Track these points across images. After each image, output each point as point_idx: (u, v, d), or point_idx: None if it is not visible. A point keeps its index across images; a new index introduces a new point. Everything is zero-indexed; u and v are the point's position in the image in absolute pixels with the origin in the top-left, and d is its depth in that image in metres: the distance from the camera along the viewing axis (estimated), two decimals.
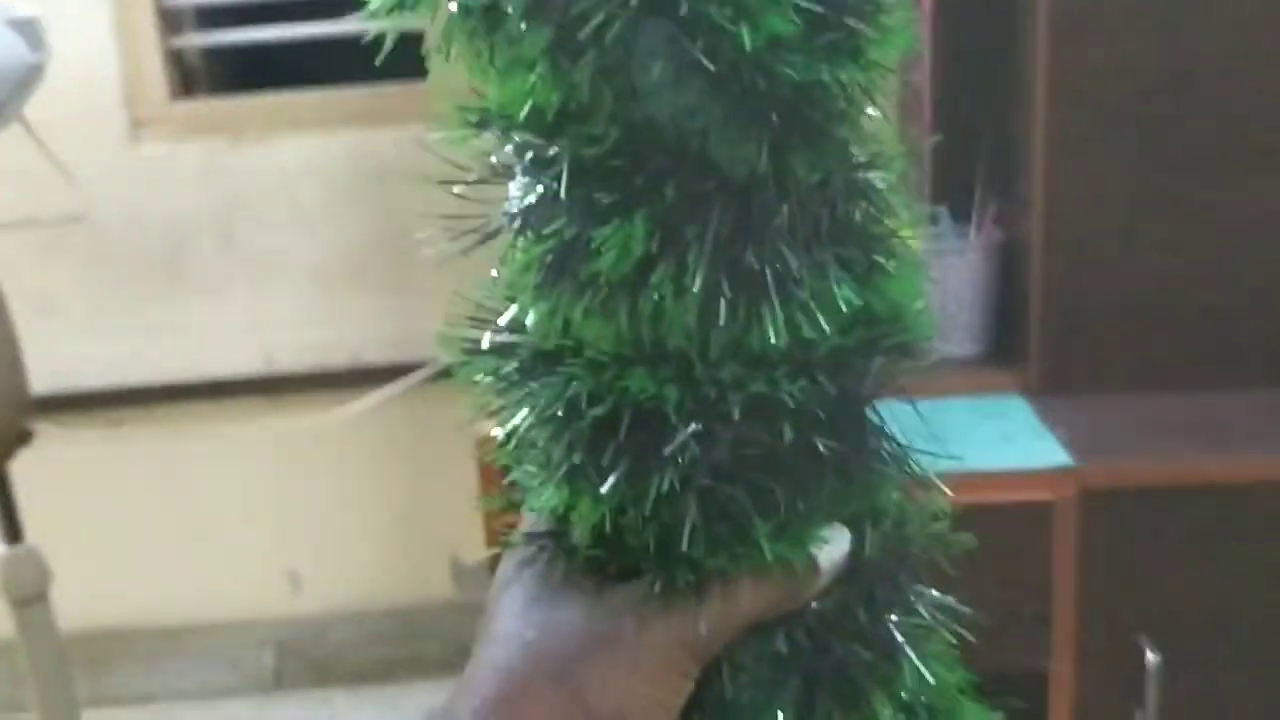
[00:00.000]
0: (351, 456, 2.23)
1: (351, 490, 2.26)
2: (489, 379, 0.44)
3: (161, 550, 2.26)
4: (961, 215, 1.49)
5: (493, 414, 0.44)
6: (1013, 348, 1.41)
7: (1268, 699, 1.23)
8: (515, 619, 0.44)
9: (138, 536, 2.22)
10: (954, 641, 0.48)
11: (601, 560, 0.44)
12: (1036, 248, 1.34)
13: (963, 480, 1.15)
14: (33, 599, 1.53)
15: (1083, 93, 1.29)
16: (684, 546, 0.41)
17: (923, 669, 0.45)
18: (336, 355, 2.15)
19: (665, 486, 0.39)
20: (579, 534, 0.44)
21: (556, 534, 0.46)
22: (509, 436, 0.43)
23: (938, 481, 0.46)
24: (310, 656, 2.34)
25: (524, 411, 0.42)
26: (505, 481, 0.46)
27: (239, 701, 2.30)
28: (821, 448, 0.41)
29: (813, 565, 0.43)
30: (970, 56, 1.49)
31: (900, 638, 0.45)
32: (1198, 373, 1.35)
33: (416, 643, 2.33)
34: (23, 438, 1.46)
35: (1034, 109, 1.31)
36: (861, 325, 0.42)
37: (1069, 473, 1.18)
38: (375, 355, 2.13)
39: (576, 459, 0.40)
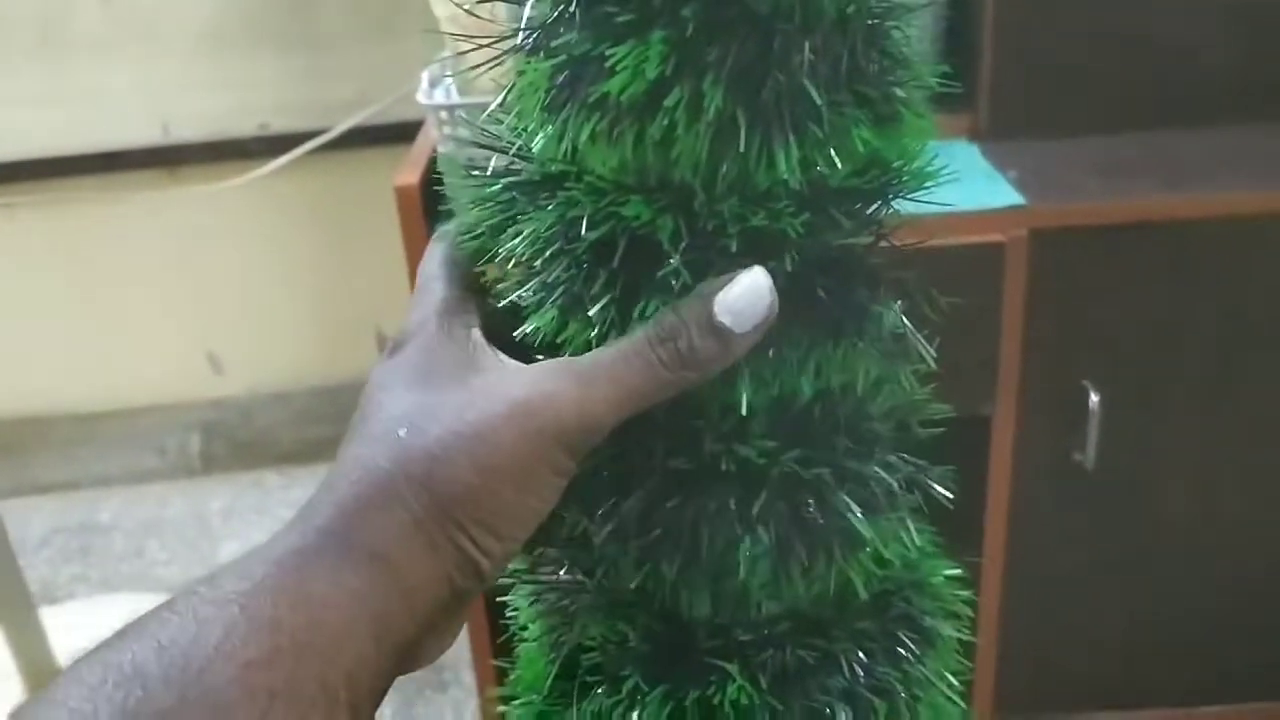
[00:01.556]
0: (265, 229, 2.11)
1: (267, 265, 2.14)
2: (491, 202, 0.43)
3: (70, 336, 2.15)
4: None
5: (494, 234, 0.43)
6: (964, 92, 1.33)
7: (1204, 436, 1.24)
8: (388, 410, 0.40)
9: (43, 322, 2.11)
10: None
11: None
12: None
13: (919, 222, 1.09)
14: None
15: None
16: None
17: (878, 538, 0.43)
18: (241, 123, 1.99)
19: (651, 312, 0.38)
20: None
21: None
22: (508, 259, 0.42)
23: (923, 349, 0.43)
24: (237, 439, 2.28)
25: (526, 232, 0.40)
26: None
27: (167, 484, 2.25)
28: (820, 290, 0.39)
29: (709, 328, 0.37)
30: None
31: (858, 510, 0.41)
32: (1150, 113, 1.29)
33: (344, 420, 2.27)
34: None
35: None
36: (875, 168, 0.41)
37: (1019, 212, 1.13)
38: (284, 123, 1.98)
39: (572, 284, 0.39)
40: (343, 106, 1.89)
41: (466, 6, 0.43)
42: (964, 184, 1.19)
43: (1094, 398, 1.18)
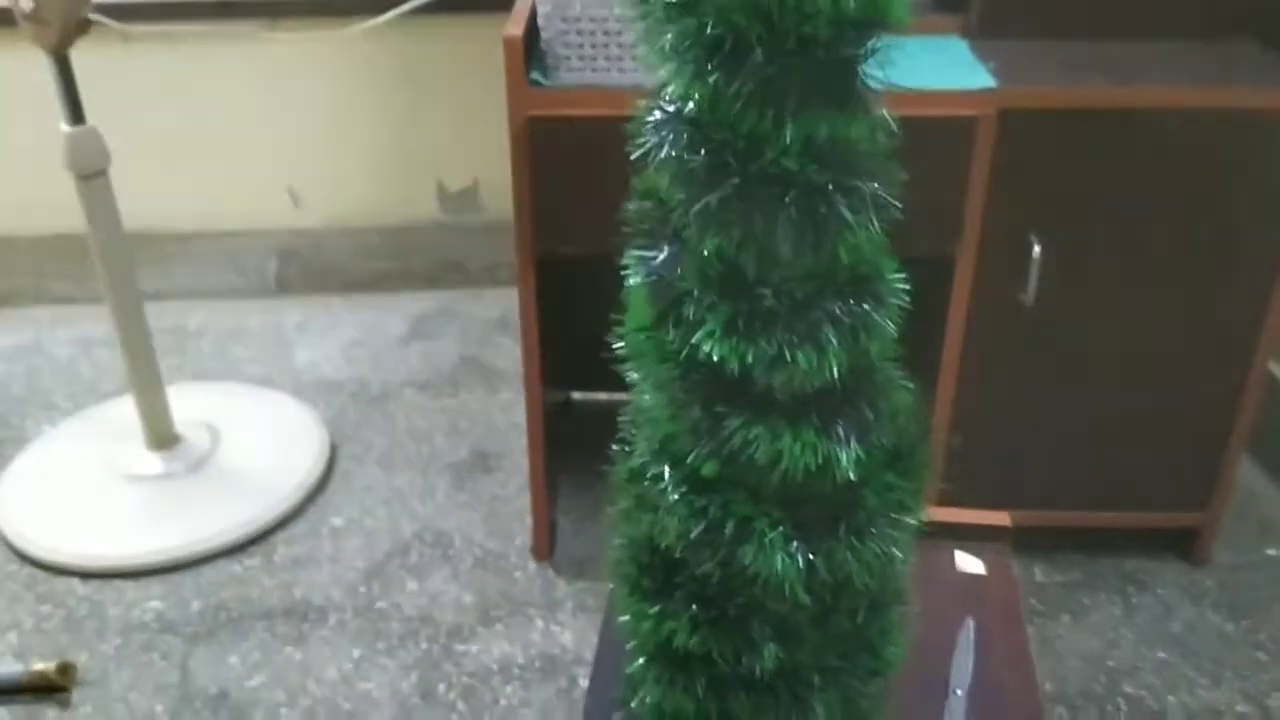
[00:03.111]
0: (349, 83, 2.36)
1: (348, 115, 2.40)
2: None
3: (171, 162, 2.41)
4: None
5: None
6: None
7: (1124, 283, 1.53)
8: None
9: (151, 147, 2.36)
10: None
11: None
12: None
13: (904, 97, 1.40)
14: (95, 174, 1.70)
15: None
16: None
17: None
18: None
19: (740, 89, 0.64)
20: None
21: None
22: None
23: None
24: (309, 266, 2.56)
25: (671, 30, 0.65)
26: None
27: (246, 302, 2.54)
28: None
29: None
30: None
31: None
32: (1110, 26, 1.55)
33: (404, 257, 2.56)
34: (82, 26, 1.58)
35: None
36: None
37: (992, 94, 1.40)
38: None
39: (698, 59, 0.65)
40: None
41: None
42: (951, 69, 1.45)
43: (1036, 248, 1.47)
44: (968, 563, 1.12)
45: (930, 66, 1.46)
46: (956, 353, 1.56)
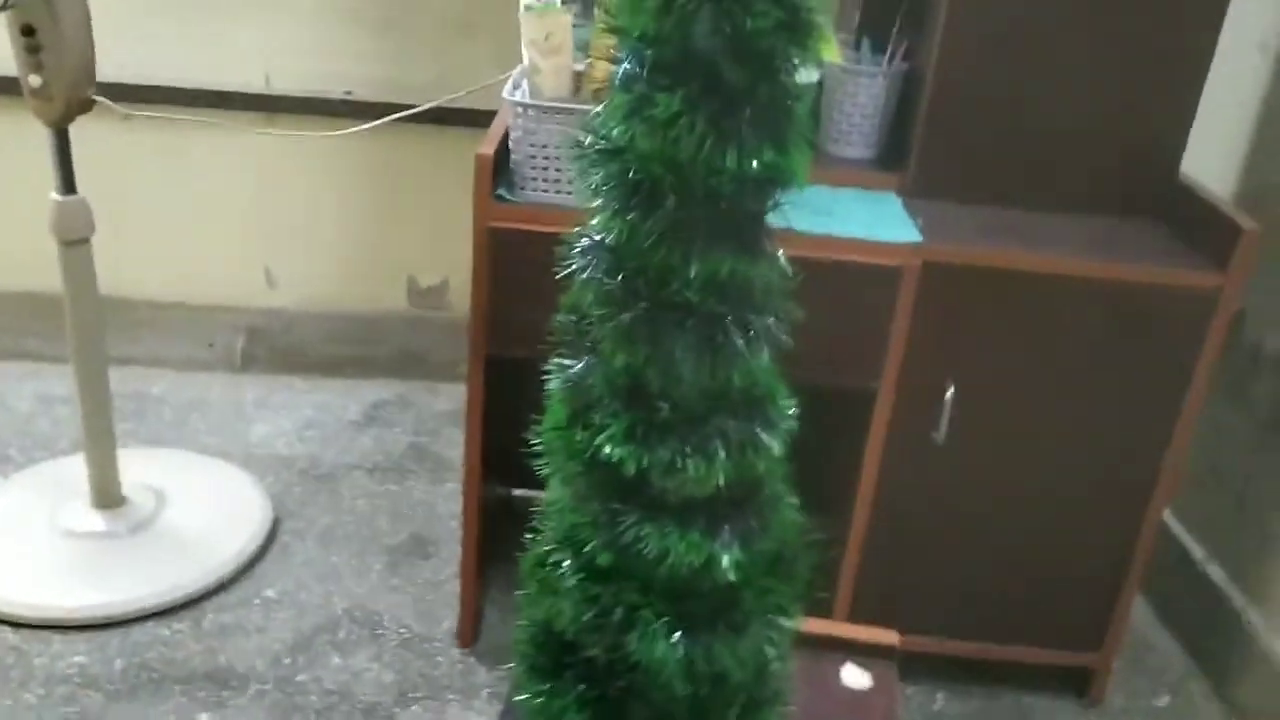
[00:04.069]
0: (334, 178, 2.47)
1: (330, 206, 2.50)
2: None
3: (154, 234, 2.49)
4: (880, 47, 1.76)
5: None
6: (898, 157, 1.72)
7: (1026, 427, 1.63)
8: None
9: (138, 218, 2.44)
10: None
11: None
12: (929, 83, 1.63)
13: (841, 243, 1.53)
14: (79, 241, 1.77)
15: None
16: None
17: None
18: (330, 86, 2.36)
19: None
20: None
21: None
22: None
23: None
24: (276, 345, 2.63)
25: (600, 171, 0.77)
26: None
27: (210, 375, 2.59)
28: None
29: None
30: None
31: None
32: (1035, 197, 1.68)
33: (369, 345, 2.63)
34: (85, 105, 1.67)
35: None
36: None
37: (917, 248, 1.52)
38: (366, 93, 2.35)
39: (620, 198, 0.76)
40: (418, 88, 2.26)
41: (546, 38, 0.79)
42: (884, 222, 1.57)
43: (950, 391, 1.57)
44: (855, 676, 1.18)
45: (866, 218, 1.58)
46: (872, 481, 1.64)
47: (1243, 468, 1.90)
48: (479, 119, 2.32)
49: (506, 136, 1.54)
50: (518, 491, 2.19)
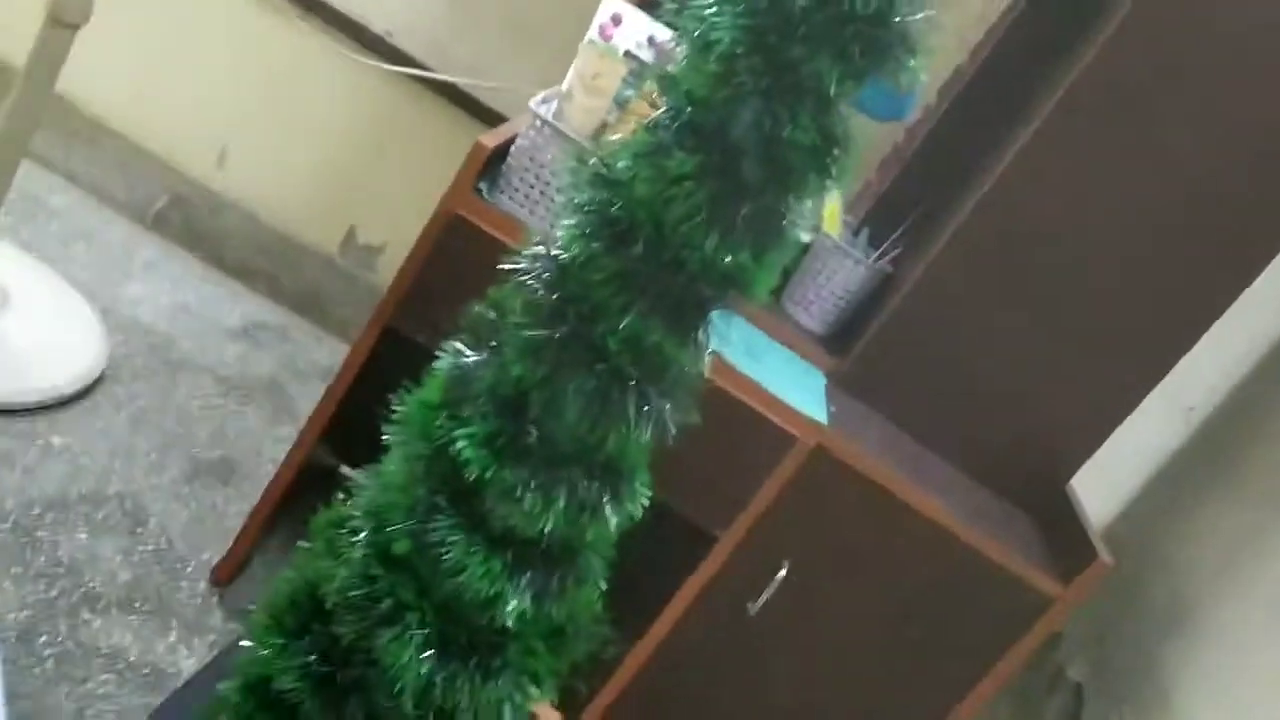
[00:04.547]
0: (332, 102, 2.40)
1: (314, 126, 2.44)
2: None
3: (137, 63, 2.40)
4: (876, 241, 1.81)
5: None
6: (842, 344, 1.75)
7: (839, 644, 1.63)
8: None
9: (127, 39, 2.34)
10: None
11: None
12: (899, 297, 1.68)
13: (759, 391, 1.52)
14: (67, 25, 1.70)
15: (990, 235, 1.63)
16: None
17: None
18: (375, 18, 2.33)
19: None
20: None
21: None
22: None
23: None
24: (195, 221, 2.53)
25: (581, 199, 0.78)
26: None
27: (116, 217, 2.48)
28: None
29: None
30: (953, 150, 1.82)
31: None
32: (944, 444, 1.71)
33: (281, 269, 2.55)
34: None
35: (953, 220, 1.65)
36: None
37: (819, 428, 1.54)
38: (404, 40, 2.32)
39: (593, 225, 0.77)
40: (452, 60, 2.26)
41: (595, 77, 0.79)
42: (803, 393, 1.59)
43: (784, 570, 1.57)
44: None
45: (789, 381, 1.59)
46: (672, 619, 1.62)
47: None
48: (488, 115, 2.32)
49: (513, 140, 1.53)
50: (345, 468, 2.11)
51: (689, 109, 0.73)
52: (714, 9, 0.72)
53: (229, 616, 1.69)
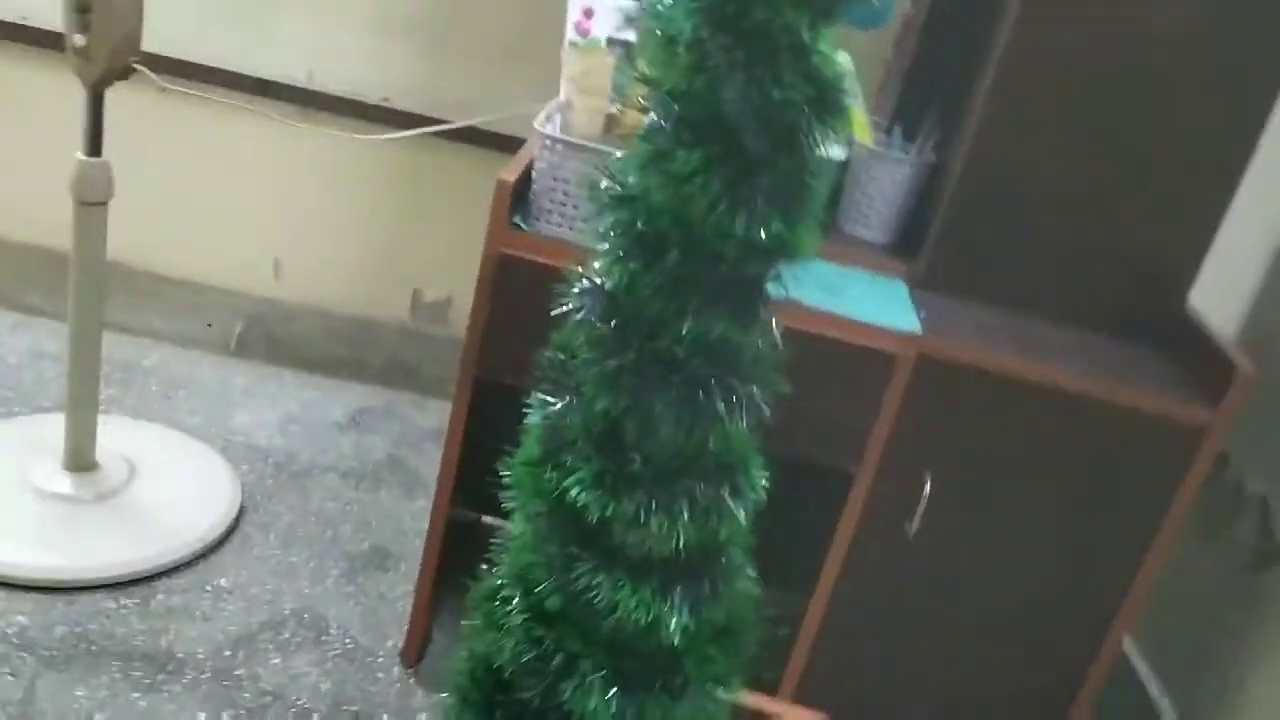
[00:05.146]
0: (357, 181, 2.47)
1: (349, 209, 2.50)
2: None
3: (174, 208, 2.49)
4: (911, 136, 1.77)
5: None
6: (912, 246, 1.72)
7: (1002, 528, 1.61)
8: None
9: (160, 191, 2.44)
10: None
11: None
12: (953, 180, 1.64)
13: (842, 323, 1.52)
14: (96, 204, 1.77)
15: (1025, 81, 1.58)
16: None
17: None
18: (369, 91, 2.37)
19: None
20: None
21: None
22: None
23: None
24: (273, 335, 2.62)
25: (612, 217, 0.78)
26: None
27: (203, 355, 2.58)
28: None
29: None
30: (957, 26, 1.76)
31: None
32: (1043, 307, 1.68)
33: (365, 350, 2.62)
34: (125, 71, 1.68)
35: (982, 84, 1.60)
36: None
37: (916, 339, 1.52)
38: (403, 102, 2.36)
39: (626, 245, 0.78)
40: (454, 105, 2.28)
41: (585, 76, 0.80)
42: (888, 308, 1.57)
43: (928, 485, 1.56)
44: None
45: (872, 301, 1.58)
46: (837, 564, 1.62)
47: (1209, 610, 1.89)
48: (508, 144, 2.33)
49: (531, 165, 1.54)
50: (487, 518, 2.17)
51: (675, 105, 0.73)
52: (667, 1, 0.71)
53: (429, 690, 1.76)
